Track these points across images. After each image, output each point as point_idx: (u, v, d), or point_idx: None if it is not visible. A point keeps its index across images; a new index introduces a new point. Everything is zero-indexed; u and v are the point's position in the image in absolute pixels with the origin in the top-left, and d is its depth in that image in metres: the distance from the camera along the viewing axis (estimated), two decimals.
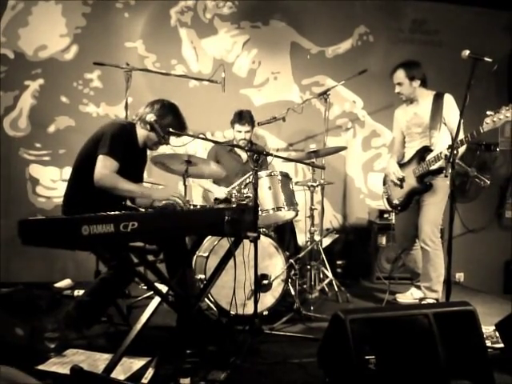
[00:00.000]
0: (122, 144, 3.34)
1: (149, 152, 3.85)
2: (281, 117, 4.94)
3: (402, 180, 4.57)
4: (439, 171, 4.33)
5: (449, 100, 4.41)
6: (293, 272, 4.23)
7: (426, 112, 4.45)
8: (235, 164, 5.09)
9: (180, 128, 3.53)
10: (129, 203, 3.67)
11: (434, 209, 4.43)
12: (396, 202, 4.68)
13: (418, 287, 4.67)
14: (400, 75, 4.51)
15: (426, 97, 4.51)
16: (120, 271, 3.30)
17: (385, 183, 4.87)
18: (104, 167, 3.21)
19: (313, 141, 5.77)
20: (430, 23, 6.29)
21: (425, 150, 4.41)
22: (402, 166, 4.64)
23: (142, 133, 3.54)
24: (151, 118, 3.44)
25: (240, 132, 4.97)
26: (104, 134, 3.35)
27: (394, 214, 4.99)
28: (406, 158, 4.65)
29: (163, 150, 4.71)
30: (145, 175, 5.17)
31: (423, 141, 4.48)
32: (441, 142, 4.32)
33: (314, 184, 4.72)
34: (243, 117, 4.96)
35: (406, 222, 4.72)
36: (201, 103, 5.66)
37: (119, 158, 3.27)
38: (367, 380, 2.36)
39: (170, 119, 3.51)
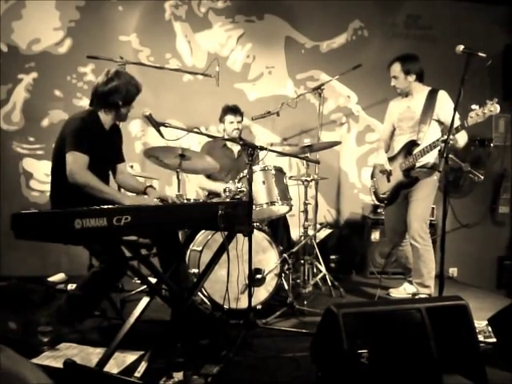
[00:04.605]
0: (86, 136, 3.29)
1: (142, 145, 3.83)
2: (275, 111, 4.95)
3: (389, 173, 4.58)
4: (425, 166, 4.37)
5: (442, 96, 4.40)
6: (286, 266, 4.24)
7: (419, 106, 4.45)
8: (227, 160, 5.07)
9: (135, 93, 3.50)
10: None
11: (421, 204, 4.44)
12: (382, 195, 4.69)
13: (411, 282, 4.68)
14: (396, 68, 4.50)
15: (420, 91, 4.50)
16: (112, 265, 3.29)
17: (372, 177, 4.88)
18: (74, 162, 3.19)
19: (307, 135, 5.76)
20: (424, 18, 6.29)
21: (412, 144, 4.41)
22: (389, 159, 4.64)
23: (106, 118, 3.48)
24: (146, 112, 3.41)
25: (232, 123, 4.96)
26: (66, 131, 3.33)
27: (384, 209, 4.99)
28: (394, 152, 4.66)
29: (157, 143, 4.71)
30: (139, 169, 5.20)
31: (412, 135, 4.47)
32: (428, 137, 4.33)
33: (308, 179, 4.72)
34: (234, 109, 4.98)
35: (395, 218, 4.72)
36: (195, 97, 5.67)
37: (87, 151, 3.24)
38: (359, 374, 2.36)
39: (133, 89, 3.47)
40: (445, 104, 4.37)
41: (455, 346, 2.56)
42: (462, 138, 4.23)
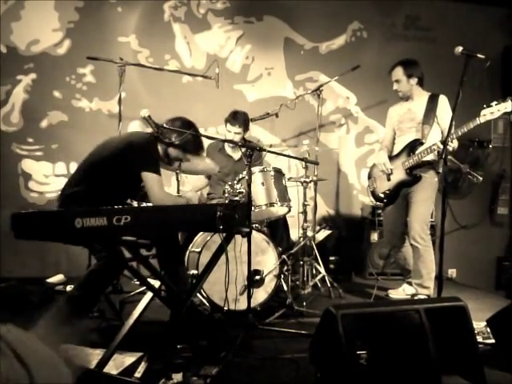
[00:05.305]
0: (158, 159, 3.39)
1: None
2: (274, 113, 4.94)
3: (389, 173, 4.59)
4: (429, 164, 4.38)
5: (443, 100, 4.46)
6: (285, 268, 4.24)
7: (420, 109, 4.48)
8: (226, 163, 5.02)
9: (196, 147, 3.57)
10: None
11: (422, 206, 4.46)
12: (381, 195, 4.69)
13: (410, 283, 4.69)
14: (398, 72, 4.54)
15: (421, 96, 4.55)
16: (109, 263, 3.28)
17: (370, 177, 4.88)
18: (160, 188, 3.27)
19: (306, 137, 5.77)
20: (423, 19, 6.30)
21: (416, 143, 4.44)
22: (390, 158, 4.64)
23: (160, 148, 3.53)
24: (145, 113, 3.40)
25: (230, 132, 4.90)
26: (140, 148, 3.36)
27: (383, 210, 4.99)
28: (395, 152, 4.67)
29: None
30: None
31: (413, 136, 4.50)
32: (431, 138, 4.36)
33: (307, 180, 4.72)
34: (236, 118, 4.84)
35: (394, 220, 4.73)
36: (194, 99, 5.66)
37: (159, 173, 3.33)
38: (358, 375, 2.37)
39: (190, 138, 3.50)
40: (444, 108, 4.42)
41: (454, 347, 2.56)
42: (454, 142, 4.25)
